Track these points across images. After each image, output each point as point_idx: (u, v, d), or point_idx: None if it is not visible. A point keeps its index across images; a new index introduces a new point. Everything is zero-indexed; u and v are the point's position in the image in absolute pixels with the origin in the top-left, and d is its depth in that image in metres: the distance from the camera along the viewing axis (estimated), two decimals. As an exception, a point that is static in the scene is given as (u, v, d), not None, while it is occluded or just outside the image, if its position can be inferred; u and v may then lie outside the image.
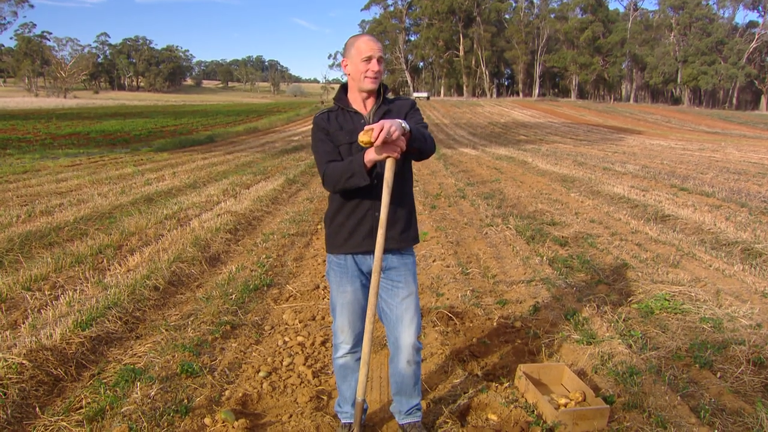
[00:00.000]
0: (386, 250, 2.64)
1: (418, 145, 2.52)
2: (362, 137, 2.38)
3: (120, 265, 5.82)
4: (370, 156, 2.45)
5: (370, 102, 2.70)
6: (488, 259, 6.52)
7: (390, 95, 2.78)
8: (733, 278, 5.70)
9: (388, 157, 2.44)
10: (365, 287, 2.79)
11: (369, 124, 2.58)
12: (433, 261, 6.42)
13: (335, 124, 2.66)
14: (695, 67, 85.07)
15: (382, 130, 2.32)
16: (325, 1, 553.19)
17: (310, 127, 2.77)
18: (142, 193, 10.45)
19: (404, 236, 2.75)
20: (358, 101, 2.69)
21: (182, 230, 7.30)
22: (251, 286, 5.42)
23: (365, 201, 2.64)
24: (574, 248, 6.93)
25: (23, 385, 3.33)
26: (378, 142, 2.34)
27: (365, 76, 2.58)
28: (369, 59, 2.56)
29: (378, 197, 2.55)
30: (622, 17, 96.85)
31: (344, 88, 2.74)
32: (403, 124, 2.42)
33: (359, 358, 2.88)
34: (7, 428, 3.03)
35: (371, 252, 2.67)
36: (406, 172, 2.73)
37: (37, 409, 3.21)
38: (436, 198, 10.85)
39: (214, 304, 4.89)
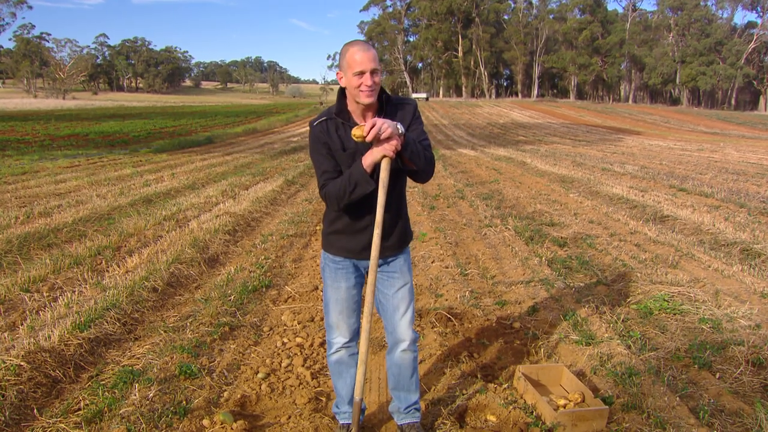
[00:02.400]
0: (386, 258, 2.72)
1: (410, 154, 2.45)
2: (355, 131, 2.39)
3: (118, 267, 5.82)
4: (368, 160, 2.44)
5: (370, 113, 2.58)
6: (487, 260, 6.52)
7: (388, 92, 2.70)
8: (732, 279, 5.70)
9: (384, 156, 2.42)
10: (359, 284, 2.82)
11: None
12: (432, 262, 6.42)
13: (336, 141, 2.56)
14: (694, 68, 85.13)
15: (373, 127, 2.31)
16: (323, 3, 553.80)
17: (309, 146, 2.72)
18: (140, 194, 10.44)
19: (402, 241, 2.79)
20: (357, 111, 2.58)
21: (181, 231, 7.30)
22: (250, 288, 5.42)
23: (365, 213, 2.61)
24: (572, 249, 6.93)
25: (21, 386, 3.33)
26: (369, 138, 2.33)
27: (360, 91, 2.45)
28: (361, 74, 2.42)
29: (376, 209, 2.52)
30: (620, 18, 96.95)
31: (343, 93, 2.58)
32: (397, 126, 2.41)
33: (353, 354, 2.89)
34: (5, 430, 3.03)
35: (368, 258, 2.67)
36: (400, 179, 2.69)
37: (36, 411, 3.21)
38: (434, 199, 10.85)
39: (212, 305, 4.88)
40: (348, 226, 2.67)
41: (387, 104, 2.60)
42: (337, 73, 2.53)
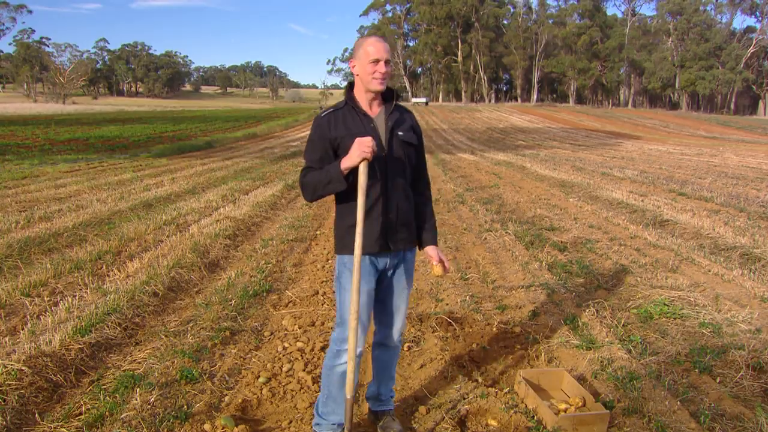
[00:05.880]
0: (401, 250, 2.84)
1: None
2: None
3: (119, 271, 5.82)
4: (346, 163, 2.52)
5: (376, 104, 2.73)
6: (487, 265, 6.53)
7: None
8: (732, 283, 5.71)
9: (363, 159, 2.48)
10: (377, 287, 2.86)
11: (377, 128, 2.68)
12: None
13: (341, 128, 2.66)
14: (693, 72, 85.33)
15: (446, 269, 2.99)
16: (322, 7, 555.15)
17: (309, 132, 2.78)
18: (141, 198, 10.45)
19: (412, 234, 2.89)
20: (364, 101, 2.72)
21: (181, 236, 7.30)
22: (250, 292, 5.42)
23: (377, 203, 2.69)
24: (573, 253, 6.94)
25: (22, 391, 3.32)
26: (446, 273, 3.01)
27: (373, 78, 2.61)
28: (376, 62, 2.58)
29: (388, 199, 2.68)
30: (620, 22, 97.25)
31: (351, 86, 2.75)
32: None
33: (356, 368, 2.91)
34: (6, 435, 3.03)
35: (384, 253, 2.77)
36: (406, 174, 2.80)
37: (37, 415, 3.20)
38: (434, 203, 10.85)
39: (213, 309, 4.88)
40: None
41: (396, 99, 2.77)
42: (350, 61, 2.68)
